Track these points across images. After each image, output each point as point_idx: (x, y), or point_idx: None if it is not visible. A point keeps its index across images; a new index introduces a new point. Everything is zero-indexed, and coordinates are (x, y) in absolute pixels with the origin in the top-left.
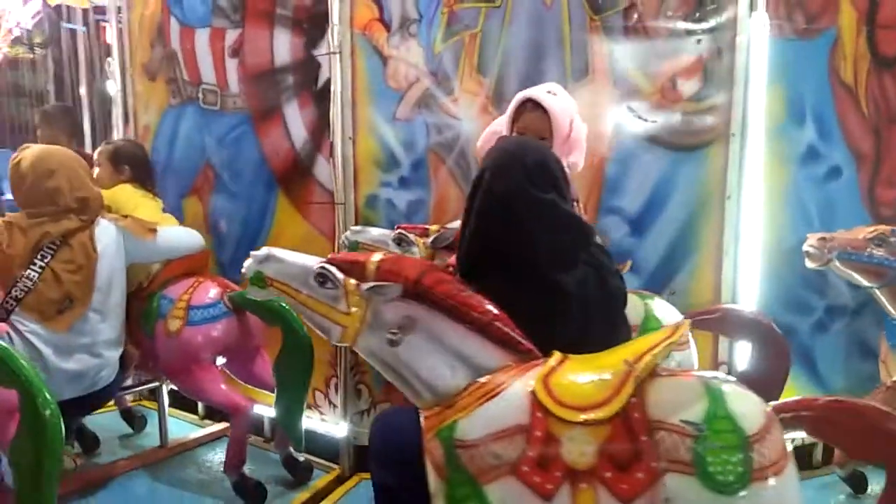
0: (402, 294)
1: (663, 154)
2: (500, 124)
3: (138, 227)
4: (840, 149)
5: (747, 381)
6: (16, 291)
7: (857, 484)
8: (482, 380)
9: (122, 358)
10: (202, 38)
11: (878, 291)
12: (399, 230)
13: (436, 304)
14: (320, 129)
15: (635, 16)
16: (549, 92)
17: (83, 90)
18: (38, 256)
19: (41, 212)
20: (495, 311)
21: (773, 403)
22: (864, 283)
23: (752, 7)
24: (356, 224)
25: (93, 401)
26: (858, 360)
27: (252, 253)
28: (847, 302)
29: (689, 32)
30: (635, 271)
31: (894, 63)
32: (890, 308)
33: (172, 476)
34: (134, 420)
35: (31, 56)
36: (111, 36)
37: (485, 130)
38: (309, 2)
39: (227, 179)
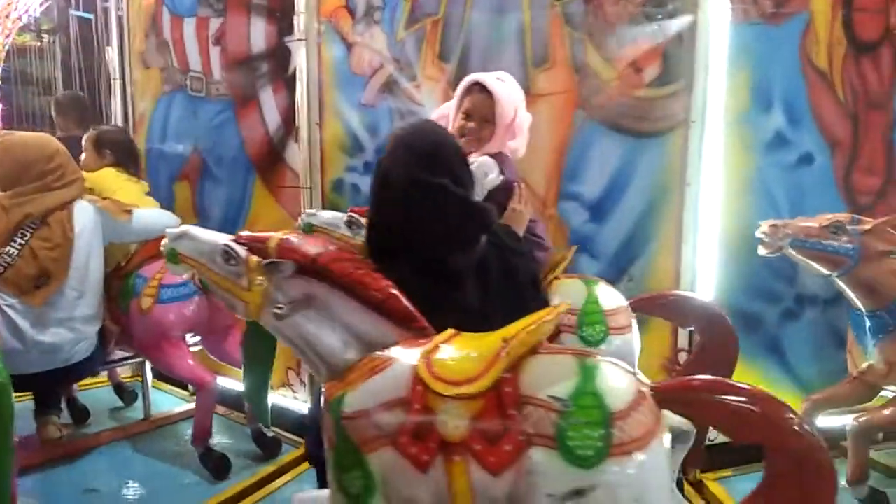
0: (301, 271)
1: (623, 140)
2: (450, 107)
3: (115, 208)
4: (812, 135)
5: (694, 368)
6: None
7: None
8: (373, 355)
9: (103, 334)
10: (189, 26)
11: (837, 280)
12: (350, 213)
13: (333, 282)
14: (292, 115)
15: (596, 1)
16: (497, 78)
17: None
18: (19, 234)
19: (24, 190)
20: (391, 289)
21: (654, 383)
22: (823, 271)
23: None
24: (323, 208)
25: (72, 373)
26: (832, 350)
27: (167, 230)
28: (818, 291)
29: (649, 17)
30: (595, 256)
31: (873, 47)
32: (851, 297)
33: (151, 448)
34: (124, 394)
35: (39, 44)
36: (112, 25)
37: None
38: None
39: (212, 164)
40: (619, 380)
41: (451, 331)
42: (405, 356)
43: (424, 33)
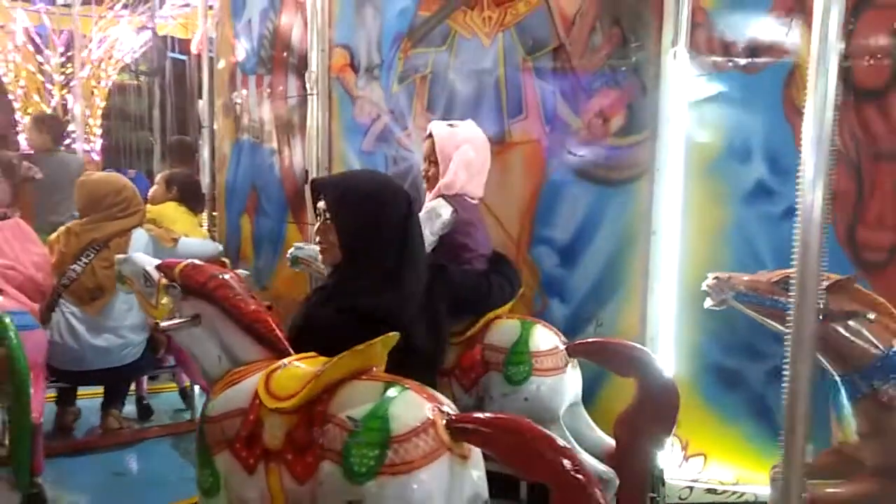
0: (193, 294)
1: (591, 188)
2: None
3: (165, 235)
4: None
5: (632, 420)
6: (63, 280)
7: None
8: (236, 370)
9: (152, 342)
10: (251, 82)
11: None
12: None
13: (216, 304)
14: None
15: (564, 55)
16: (449, 124)
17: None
18: (84, 255)
19: (94, 219)
20: (261, 314)
21: (452, 415)
22: (778, 327)
23: (674, 44)
24: None
25: (125, 372)
26: (827, 412)
27: (117, 257)
28: None
29: (614, 69)
30: (565, 301)
31: (877, 94)
32: (819, 359)
33: (189, 444)
34: (187, 399)
35: (137, 83)
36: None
37: None
38: (305, 52)
39: (264, 202)
40: (411, 407)
41: (306, 354)
42: (255, 373)
43: (415, 88)
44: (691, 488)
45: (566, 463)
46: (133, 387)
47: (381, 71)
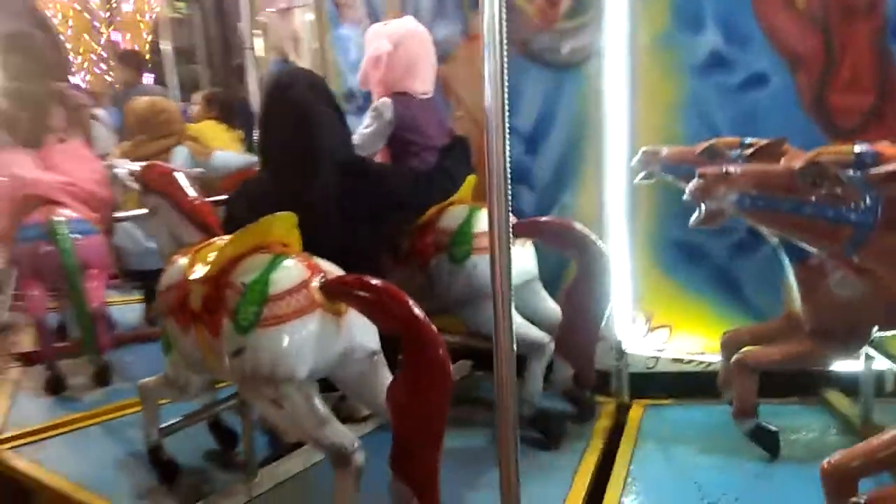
0: (149, 189)
1: (547, 74)
2: None
3: (200, 149)
4: (763, 54)
5: (572, 294)
6: None
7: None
8: (178, 251)
9: None
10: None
11: None
12: None
13: (165, 197)
14: None
15: None
16: (384, 24)
17: None
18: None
19: (139, 139)
20: (199, 205)
21: (325, 279)
22: None
23: None
24: None
25: None
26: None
27: (104, 164)
28: None
29: None
30: (532, 187)
31: None
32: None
33: None
34: None
35: (180, 15)
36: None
37: None
38: None
39: None
40: (289, 272)
41: (230, 236)
42: (188, 252)
43: None
44: (657, 358)
45: (412, 318)
46: None
47: None
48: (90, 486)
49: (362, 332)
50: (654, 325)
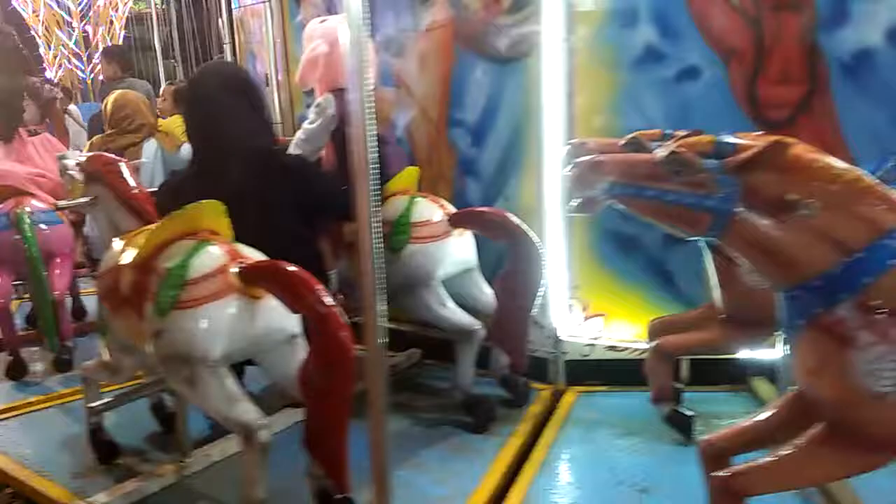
0: (92, 178)
1: (491, 68)
2: None
3: (169, 142)
4: (696, 47)
5: (504, 281)
6: None
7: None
8: (117, 238)
9: None
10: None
11: None
12: None
13: (106, 185)
14: None
15: None
16: (322, 20)
17: None
18: None
19: (110, 133)
20: (137, 193)
21: (243, 265)
22: None
23: None
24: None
25: None
26: None
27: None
28: None
29: None
30: (478, 179)
31: None
32: None
33: None
34: None
35: (154, 11)
36: None
37: None
38: None
39: None
40: (208, 258)
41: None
42: (124, 239)
43: None
44: (593, 346)
45: (318, 303)
46: None
47: None
48: (33, 465)
49: (281, 315)
50: (591, 314)
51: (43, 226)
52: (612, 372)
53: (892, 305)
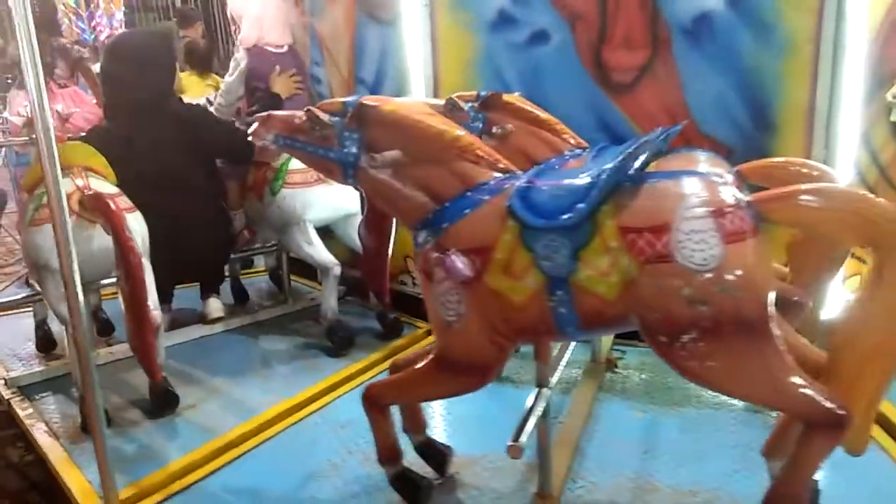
0: None
1: (378, 30)
2: None
3: None
4: (545, 12)
5: (367, 221)
6: None
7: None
8: None
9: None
10: None
11: None
12: None
13: None
14: None
15: None
16: None
17: None
18: None
19: None
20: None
21: (88, 195)
22: None
23: None
24: None
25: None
26: None
27: None
28: None
29: None
30: None
31: None
32: None
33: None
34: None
35: None
36: None
37: None
38: None
39: None
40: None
41: None
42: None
43: None
44: None
45: (118, 229)
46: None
47: None
48: None
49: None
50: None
51: None
52: None
53: (462, 246)
